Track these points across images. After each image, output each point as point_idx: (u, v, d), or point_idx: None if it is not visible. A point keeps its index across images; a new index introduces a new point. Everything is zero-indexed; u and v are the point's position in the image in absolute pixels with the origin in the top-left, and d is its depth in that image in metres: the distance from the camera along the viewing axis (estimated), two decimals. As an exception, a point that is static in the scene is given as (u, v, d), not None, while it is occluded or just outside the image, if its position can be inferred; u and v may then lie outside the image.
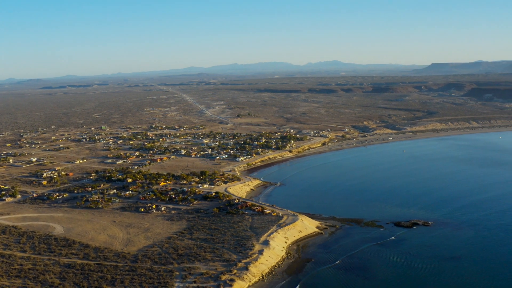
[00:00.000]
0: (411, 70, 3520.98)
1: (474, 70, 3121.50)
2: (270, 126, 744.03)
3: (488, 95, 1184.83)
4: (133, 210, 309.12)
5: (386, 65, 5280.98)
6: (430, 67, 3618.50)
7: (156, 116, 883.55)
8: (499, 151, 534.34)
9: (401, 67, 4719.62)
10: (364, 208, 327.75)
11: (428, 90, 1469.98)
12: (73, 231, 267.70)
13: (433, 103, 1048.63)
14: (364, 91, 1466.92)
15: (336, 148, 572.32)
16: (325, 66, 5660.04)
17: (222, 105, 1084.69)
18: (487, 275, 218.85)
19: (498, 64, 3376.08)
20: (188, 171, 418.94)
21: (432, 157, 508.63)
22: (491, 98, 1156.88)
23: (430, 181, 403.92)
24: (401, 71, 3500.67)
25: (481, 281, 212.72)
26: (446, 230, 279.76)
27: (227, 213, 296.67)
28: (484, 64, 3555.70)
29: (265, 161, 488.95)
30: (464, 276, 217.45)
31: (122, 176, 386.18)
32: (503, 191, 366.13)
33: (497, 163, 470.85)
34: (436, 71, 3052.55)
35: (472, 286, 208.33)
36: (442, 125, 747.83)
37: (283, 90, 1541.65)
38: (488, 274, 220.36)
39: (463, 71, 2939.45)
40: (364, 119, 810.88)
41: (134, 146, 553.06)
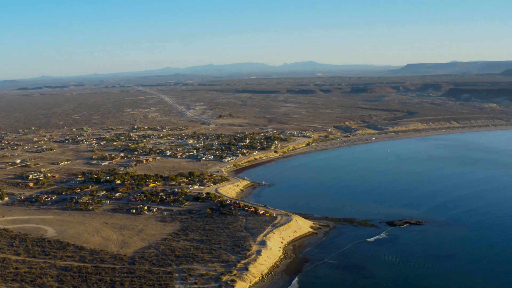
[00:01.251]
0: (387, 71, 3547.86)
1: (449, 70, 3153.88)
2: (252, 127, 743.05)
3: (466, 95, 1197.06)
4: (125, 211, 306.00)
5: (361, 66, 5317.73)
6: (406, 67, 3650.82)
7: (137, 117, 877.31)
8: (483, 151, 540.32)
9: (377, 67, 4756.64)
10: (355, 207, 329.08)
11: (406, 91, 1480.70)
12: (66, 233, 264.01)
13: (412, 103, 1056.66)
14: (342, 92, 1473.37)
15: (320, 148, 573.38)
16: (301, 66, 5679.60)
17: (202, 106, 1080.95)
18: (482, 273, 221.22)
19: (473, 65, 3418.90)
20: (175, 172, 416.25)
21: (417, 157, 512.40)
22: (469, 98, 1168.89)
23: (418, 181, 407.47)
24: (377, 71, 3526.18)
25: (476, 279, 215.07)
26: (439, 229, 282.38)
27: (220, 213, 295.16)
28: (459, 64, 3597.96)
29: (251, 161, 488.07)
30: (459, 274, 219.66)
31: (110, 178, 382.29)
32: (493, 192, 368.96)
33: (483, 162, 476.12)
34: (412, 72, 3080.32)
35: (467, 284, 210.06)
36: (424, 125, 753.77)
37: (262, 91, 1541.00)
38: (482, 271, 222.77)
39: (439, 72, 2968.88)
40: (345, 119, 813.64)
41: (118, 147, 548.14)
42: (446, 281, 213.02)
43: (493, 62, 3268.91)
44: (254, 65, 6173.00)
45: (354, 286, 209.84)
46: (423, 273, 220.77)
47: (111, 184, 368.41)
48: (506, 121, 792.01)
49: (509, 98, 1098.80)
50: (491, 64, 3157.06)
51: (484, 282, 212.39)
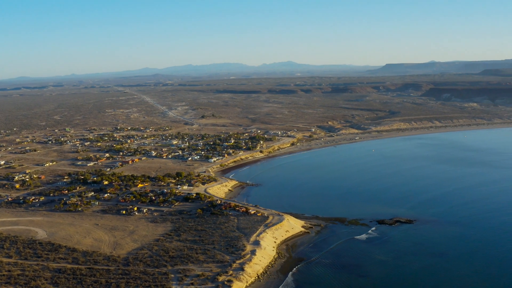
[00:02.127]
0: (366, 71, 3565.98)
1: (428, 70, 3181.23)
2: (236, 127, 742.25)
3: (446, 95, 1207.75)
4: (114, 212, 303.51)
5: (340, 66, 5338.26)
6: (385, 67, 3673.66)
7: (119, 118, 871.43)
8: (467, 150, 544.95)
9: (355, 67, 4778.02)
10: (344, 206, 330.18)
11: (386, 90, 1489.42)
12: (57, 235, 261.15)
13: (393, 103, 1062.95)
14: (323, 92, 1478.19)
15: (305, 148, 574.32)
16: (279, 67, 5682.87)
17: (184, 106, 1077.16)
18: (474, 269, 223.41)
19: (451, 65, 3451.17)
20: (161, 172, 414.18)
21: (402, 156, 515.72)
22: (449, 98, 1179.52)
23: (405, 179, 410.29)
24: (355, 71, 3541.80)
25: (470, 275, 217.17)
26: (430, 227, 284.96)
27: (211, 214, 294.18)
28: (438, 64, 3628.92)
29: (237, 161, 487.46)
30: (453, 271, 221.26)
31: (97, 179, 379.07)
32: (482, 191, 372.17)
33: (468, 161, 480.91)
34: (391, 72, 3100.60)
35: (461, 280, 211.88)
36: (406, 124, 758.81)
37: (243, 91, 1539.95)
38: (475, 268, 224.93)
39: (418, 72, 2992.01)
40: (328, 119, 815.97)
41: (102, 148, 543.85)
42: (440, 278, 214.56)
43: (471, 62, 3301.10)
44: (232, 65, 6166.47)
45: (350, 284, 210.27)
46: (418, 271, 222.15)
47: (99, 185, 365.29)
48: (488, 120, 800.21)
49: (489, 98, 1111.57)
50: (469, 64, 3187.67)
51: (477, 278, 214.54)
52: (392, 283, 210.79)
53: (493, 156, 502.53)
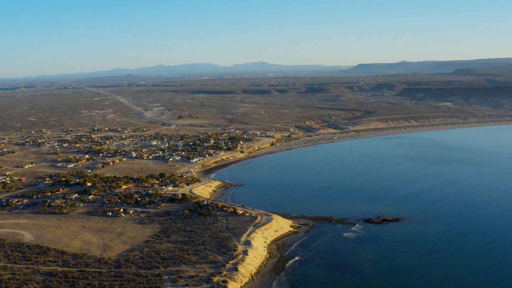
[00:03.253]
0: (338, 71, 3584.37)
1: (400, 70, 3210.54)
2: (214, 127, 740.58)
3: (420, 95, 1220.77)
4: (100, 214, 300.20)
5: (312, 66, 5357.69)
6: (357, 67, 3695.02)
7: (95, 119, 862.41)
8: (446, 149, 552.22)
9: (327, 67, 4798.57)
10: (330, 206, 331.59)
11: (360, 90, 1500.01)
12: (44, 237, 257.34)
13: (369, 103, 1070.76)
14: (298, 92, 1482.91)
15: (285, 148, 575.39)
16: (252, 67, 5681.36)
17: (160, 107, 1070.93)
18: (465, 265, 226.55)
19: (423, 65, 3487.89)
20: (143, 173, 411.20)
21: (383, 156, 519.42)
22: (423, 97, 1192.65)
23: (387, 178, 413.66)
24: (328, 71, 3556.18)
25: (461, 271, 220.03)
26: (416, 225, 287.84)
27: (199, 214, 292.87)
28: (409, 64, 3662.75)
29: (218, 162, 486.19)
30: (444, 268, 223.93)
31: (80, 180, 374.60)
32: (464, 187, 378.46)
33: (449, 160, 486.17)
34: (363, 72, 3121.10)
35: (453, 277, 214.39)
36: (383, 124, 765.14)
37: (218, 91, 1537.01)
38: (465, 264, 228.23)
39: (390, 71, 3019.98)
40: (305, 119, 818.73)
41: (81, 149, 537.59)
42: (432, 275, 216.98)
43: (442, 62, 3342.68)
44: (205, 65, 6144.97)
45: (344, 283, 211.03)
46: (409, 269, 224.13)
47: (82, 186, 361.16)
48: (463, 119, 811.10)
49: (463, 97, 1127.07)
50: (440, 64, 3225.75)
51: (469, 274, 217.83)
52: (385, 281, 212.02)
53: (471, 154, 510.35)
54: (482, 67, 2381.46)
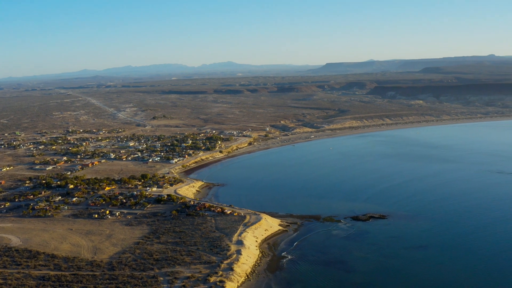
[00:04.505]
0: (307, 70, 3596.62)
1: (368, 69, 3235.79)
2: (189, 127, 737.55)
3: (391, 93, 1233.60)
4: (86, 216, 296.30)
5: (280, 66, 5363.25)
6: (325, 66, 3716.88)
7: (68, 120, 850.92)
8: (423, 146, 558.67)
9: (295, 67, 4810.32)
10: (315, 204, 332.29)
11: (331, 89, 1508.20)
12: (32, 241, 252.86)
13: (341, 102, 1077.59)
14: (269, 91, 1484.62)
15: (263, 147, 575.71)
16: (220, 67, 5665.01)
17: (132, 108, 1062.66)
18: (457, 261, 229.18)
19: (390, 63, 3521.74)
20: (124, 175, 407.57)
21: (360, 153, 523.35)
22: (394, 95, 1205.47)
23: (369, 176, 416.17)
24: (296, 71, 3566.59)
25: (453, 267, 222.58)
26: (403, 222, 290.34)
27: (187, 215, 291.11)
28: (377, 63, 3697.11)
29: (198, 162, 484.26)
30: (436, 264, 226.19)
31: (61, 182, 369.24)
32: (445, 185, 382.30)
33: (426, 157, 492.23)
34: (332, 71, 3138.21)
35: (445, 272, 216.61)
36: (358, 122, 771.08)
37: (189, 92, 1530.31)
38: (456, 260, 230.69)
39: (358, 70, 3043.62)
40: (280, 118, 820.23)
41: (58, 151, 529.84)
42: (424, 270, 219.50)
43: (410, 61, 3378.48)
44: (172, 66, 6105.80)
45: (340, 280, 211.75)
46: (401, 265, 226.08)
47: (64, 189, 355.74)
48: (436, 117, 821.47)
49: (434, 95, 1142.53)
50: (408, 62, 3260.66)
51: (461, 269, 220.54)
52: (379, 277, 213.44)
53: (449, 152, 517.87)
54: (450, 65, 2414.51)
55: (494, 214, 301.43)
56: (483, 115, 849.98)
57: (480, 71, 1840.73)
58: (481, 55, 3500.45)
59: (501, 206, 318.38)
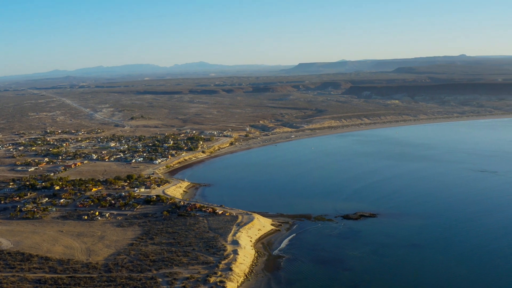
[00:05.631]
0: (279, 70, 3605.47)
1: (340, 69, 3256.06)
2: (169, 128, 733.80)
3: (367, 93, 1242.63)
4: (76, 218, 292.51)
5: (252, 66, 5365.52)
6: (298, 67, 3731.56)
7: (45, 121, 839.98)
8: (403, 146, 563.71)
9: (268, 67, 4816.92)
10: (304, 203, 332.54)
11: (306, 89, 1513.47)
12: (23, 244, 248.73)
13: (318, 102, 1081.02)
14: (245, 91, 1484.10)
15: (245, 147, 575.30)
16: (192, 67, 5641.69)
17: (109, 108, 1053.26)
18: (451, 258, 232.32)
19: (362, 63, 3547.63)
20: (108, 175, 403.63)
21: (343, 153, 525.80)
22: (369, 95, 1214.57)
23: (354, 175, 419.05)
24: (269, 71, 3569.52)
25: (447, 261, 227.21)
26: (393, 220, 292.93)
27: (178, 215, 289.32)
28: (349, 63, 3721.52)
29: (182, 162, 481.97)
30: (431, 261, 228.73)
31: (46, 184, 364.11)
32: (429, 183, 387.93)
33: (407, 155, 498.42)
34: (305, 71, 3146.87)
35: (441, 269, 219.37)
36: (337, 122, 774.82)
37: (164, 92, 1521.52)
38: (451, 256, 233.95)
39: (331, 70, 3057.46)
40: (259, 118, 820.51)
41: (39, 152, 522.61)
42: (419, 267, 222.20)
43: (382, 61, 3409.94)
44: (144, 66, 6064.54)
45: (338, 278, 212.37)
46: (396, 262, 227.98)
47: (50, 190, 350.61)
48: (413, 116, 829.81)
49: (409, 95, 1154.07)
50: (380, 63, 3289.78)
51: (452, 262, 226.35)
52: (377, 275, 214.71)
53: (431, 151, 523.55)
54: (423, 65, 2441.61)
55: (477, 208, 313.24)
56: (459, 115, 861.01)
57: (452, 71, 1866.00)
58: (452, 55, 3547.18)
59: (483, 201, 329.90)
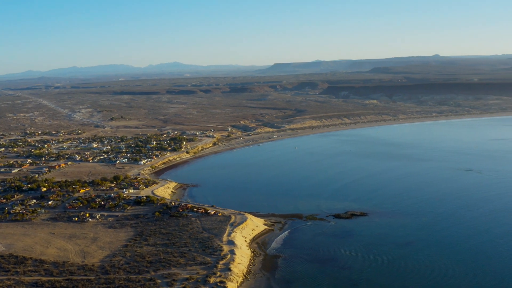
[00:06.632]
0: (255, 70, 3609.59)
1: (316, 69, 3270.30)
2: (150, 128, 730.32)
3: (345, 93, 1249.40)
4: (66, 220, 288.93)
5: (227, 66, 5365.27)
6: (273, 67, 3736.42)
7: (24, 122, 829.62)
8: (386, 145, 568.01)
9: (243, 67, 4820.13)
10: (293, 203, 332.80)
11: (284, 89, 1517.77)
12: (16, 247, 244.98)
13: (297, 102, 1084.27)
14: (222, 92, 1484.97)
15: (228, 147, 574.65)
16: (166, 67, 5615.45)
17: (87, 109, 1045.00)
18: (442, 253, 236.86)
19: (337, 63, 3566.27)
20: (93, 176, 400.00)
21: (327, 153, 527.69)
22: (347, 95, 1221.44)
23: (340, 174, 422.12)
24: (243, 71, 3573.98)
25: (440, 258, 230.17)
26: (385, 218, 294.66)
27: (170, 216, 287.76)
28: (324, 63, 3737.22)
29: (166, 163, 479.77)
30: (425, 257, 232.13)
31: (32, 185, 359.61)
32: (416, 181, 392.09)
33: (393, 156, 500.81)
34: (280, 71, 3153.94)
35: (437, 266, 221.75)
36: (318, 122, 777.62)
37: (141, 92, 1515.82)
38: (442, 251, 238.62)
39: (306, 70, 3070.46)
40: (240, 118, 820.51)
41: (21, 153, 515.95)
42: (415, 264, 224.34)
43: (357, 61, 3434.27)
44: (118, 66, 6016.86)
45: (337, 277, 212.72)
46: (391, 260, 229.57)
47: (37, 192, 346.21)
48: (393, 116, 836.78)
49: (386, 95, 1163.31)
50: (356, 63, 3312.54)
51: (445, 259, 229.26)
52: (374, 273, 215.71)
53: (414, 150, 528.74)
54: (398, 65, 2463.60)
55: (460, 203, 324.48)
56: (438, 114, 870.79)
57: (428, 71, 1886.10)
58: (426, 55, 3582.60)
59: (464, 197, 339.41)
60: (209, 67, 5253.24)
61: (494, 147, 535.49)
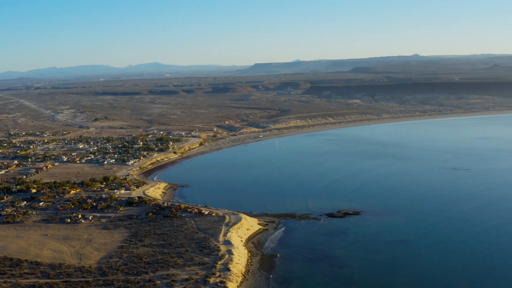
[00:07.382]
0: (235, 71, 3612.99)
1: (296, 69, 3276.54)
2: (135, 129, 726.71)
3: (327, 93, 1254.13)
4: (58, 221, 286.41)
5: (207, 66, 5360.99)
6: (254, 67, 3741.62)
7: (6, 123, 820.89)
8: (372, 144, 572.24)
9: (223, 67, 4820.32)
10: (286, 202, 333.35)
11: (266, 89, 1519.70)
12: (9, 249, 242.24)
13: (280, 102, 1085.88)
14: (205, 92, 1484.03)
15: (215, 147, 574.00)
16: (146, 68, 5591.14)
17: (70, 109, 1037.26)
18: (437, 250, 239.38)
19: (318, 63, 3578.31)
20: (82, 177, 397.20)
21: (314, 152, 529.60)
22: (330, 95, 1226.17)
23: (329, 173, 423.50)
24: (224, 71, 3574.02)
25: (437, 255, 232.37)
26: (378, 217, 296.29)
27: (164, 217, 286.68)
28: (304, 63, 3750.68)
29: (154, 163, 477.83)
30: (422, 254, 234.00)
31: (22, 187, 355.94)
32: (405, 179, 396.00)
33: (380, 155, 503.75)
34: (260, 71, 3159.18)
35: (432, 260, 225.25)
36: (302, 121, 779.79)
37: (123, 93, 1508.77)
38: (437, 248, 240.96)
39: (286, 70, 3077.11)
40: (224, 118, 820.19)
41: (6, 155, 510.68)
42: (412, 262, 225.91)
43: (337, 61, 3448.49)
44: (98, 67, 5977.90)
45: (336, 276, 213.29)
46: (388, 258, 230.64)
47: (27, 193, 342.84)
48: (377, 115, 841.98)
49: (369, 94, 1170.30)
50: (336, 63, 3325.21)
51: (442, 255, 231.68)
52: (373, 271, 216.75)
53: (399, 149, 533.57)
54: (379, 65, 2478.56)
55: (447, 200, 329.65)
56: (421, 113, 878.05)
57: (408, 71, 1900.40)
58: (406, 55, 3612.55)
59: (451, 194, 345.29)
60: (189, 67, 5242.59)
61: (480, 146, 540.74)
